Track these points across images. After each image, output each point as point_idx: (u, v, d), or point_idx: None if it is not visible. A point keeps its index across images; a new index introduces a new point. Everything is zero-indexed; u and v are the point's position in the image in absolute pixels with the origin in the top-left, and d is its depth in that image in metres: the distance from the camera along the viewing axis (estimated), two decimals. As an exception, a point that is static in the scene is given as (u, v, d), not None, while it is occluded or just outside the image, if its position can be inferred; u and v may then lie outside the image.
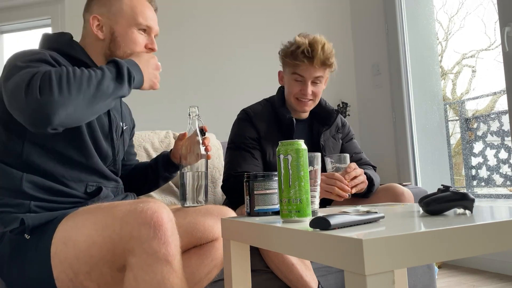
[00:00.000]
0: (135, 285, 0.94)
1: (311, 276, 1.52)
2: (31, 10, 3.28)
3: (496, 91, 4.62)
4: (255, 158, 1.67)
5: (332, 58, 1.64)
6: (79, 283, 1.03)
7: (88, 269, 1.01)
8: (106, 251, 0.98)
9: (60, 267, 1.02)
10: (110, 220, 0.98)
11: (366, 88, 3.38)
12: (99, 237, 0.98)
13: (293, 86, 1.68)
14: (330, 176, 1.47)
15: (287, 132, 1.70)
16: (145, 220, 0.95)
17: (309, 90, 1.65)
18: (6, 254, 1.09)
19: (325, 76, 1.69)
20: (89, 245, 0.99)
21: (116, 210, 1.00)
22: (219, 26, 3.27)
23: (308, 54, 1.59)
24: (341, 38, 3.45)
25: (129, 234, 0.95)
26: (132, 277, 0.94)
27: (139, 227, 0.94)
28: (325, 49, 1.61)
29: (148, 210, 0.96)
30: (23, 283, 1.07)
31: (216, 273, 1.30)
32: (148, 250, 0.94)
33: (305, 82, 1.65)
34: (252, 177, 1.05)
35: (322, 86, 1.70)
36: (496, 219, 0.81)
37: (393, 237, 0.68)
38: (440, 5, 6.92)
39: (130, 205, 0.99)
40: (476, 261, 2.64)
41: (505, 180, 3.33)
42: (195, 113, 1.32)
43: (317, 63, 1.60)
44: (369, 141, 3.33)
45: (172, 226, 0.98)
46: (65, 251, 1.01)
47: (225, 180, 1.69)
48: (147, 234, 0.94)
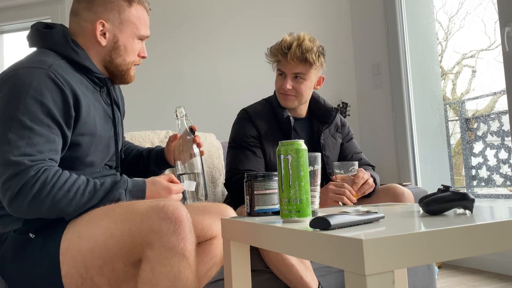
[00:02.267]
0: (151, 277, 0.97)
1: (311, 277, 1.52)
2: (31, 10, 3.28)
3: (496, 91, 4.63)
4: (257, 156, 1.69)
5: (312, 55, 1.64)
6: (89, 278, 1.04)
7: (101, 264, 1.03)
8: (123, 244, 1.01)
9: (71, 262, 1.03)
10: (130, 214, 1.01)
11: (366, 88, 3.38)
12: (117, 230, 1.01)
13: (277, 81, 1.75)
14: (340, 186, 1.50)
15: (286, 130, 1.72)
16: (167, 215, 0.99)
17: (287, 84, 1.68)
18: (8, 254, 1.09)
19: (308, 74, 1.68)
20: (106, 238, 1.01)
21: (137, 205, 1.03)
22: (218, 27, 3.27)
23: (284, 50, 1.65)
24: (341, 38, 3.45)
25: (149, 227, 0.98)
26: (149, 269, 0.97)
27: (160, 222, 0.98)
28: (302, 45, 1.63)
29: (169, 207, 1.00)
30: (26, 282, 1.08)
31: (216, 271, 1.31)
32: (167, 244, 0.97)
33: (286, 77, 1.70)
34: (252, 177, 1.06)
35: (307, 84, 1.70)
36: (496, 219, 0.81)
37: (393, 237, 0.68)
38: (440, 5, 6.93)
39: (151, 202, 1.03)
40: (476, 261, 2.64)
41: (505, 180, 3.33)
42: (182, 113, 1.33)
43: (292, 58, 1.63)
44: (369, 141, 3.33)
45: (190, 224, 1.02)
46: (79, 245, 1.03)
47: (228, 179, 1.71)
48: (167, 229, 0.98)
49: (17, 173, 1.00)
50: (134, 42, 1.26)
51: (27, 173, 1.00)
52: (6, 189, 1.00)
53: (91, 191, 1.06)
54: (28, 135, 1.02)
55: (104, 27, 1.21)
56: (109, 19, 1.22)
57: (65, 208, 1.04)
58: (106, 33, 1.22)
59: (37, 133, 1.03)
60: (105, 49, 1.23)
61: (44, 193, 1.01)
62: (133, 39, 1.25)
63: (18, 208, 1.01)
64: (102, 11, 1.21)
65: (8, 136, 1.01)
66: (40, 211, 1.02)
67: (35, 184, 1.00)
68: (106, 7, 1.22)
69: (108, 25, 1.21)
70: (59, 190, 1.02)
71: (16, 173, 1.00)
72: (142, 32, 1.27)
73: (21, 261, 1.07)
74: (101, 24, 1.21)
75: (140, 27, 1.26)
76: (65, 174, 1.05)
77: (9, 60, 3.52)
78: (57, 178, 1.03)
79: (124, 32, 1.24)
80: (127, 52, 1.25)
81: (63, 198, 1.03)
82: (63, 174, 1.05)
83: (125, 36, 1.24)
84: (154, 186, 1.16)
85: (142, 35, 1.27)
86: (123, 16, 1.23)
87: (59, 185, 1.02)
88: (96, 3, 1.22)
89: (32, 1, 3.26)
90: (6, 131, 1.02)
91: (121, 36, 1.23)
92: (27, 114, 1.03)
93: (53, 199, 1.02)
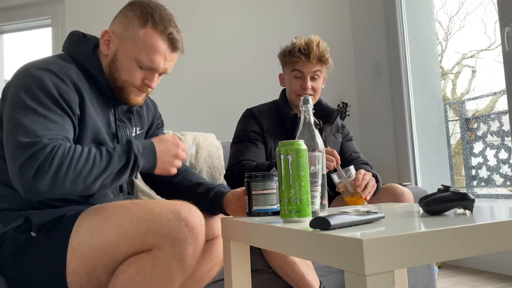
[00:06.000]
0: (149, 274, 0.99)
1: (313, 276, 1.52)
2: (31, 10, 3.28)
3: (496, 91, 4.63)
4: (258, 148, 1.74)
5: (327, 55, 1.77)
6: (95, 276, 1.05)
7: (108, 262, 1.03)
8: (134, 243, 1.01)
9: (81, 259, 1.03)
10: (148, 214, 1.02)
11: (366, 88, 3.38)
12: (132, 229, 1.01)
13: (293, 83, 1.78)
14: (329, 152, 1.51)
15: (291, 128, 1.77)
16: (187, 225, 1.01)
17: (308, 84, 1.75)
18: (9, 253, 1.09)
19: (322, 72, 1.78)
20: (120, 236, 1.02)
21: (155, 205, 1.04)
22: (218, 26, 3.27)
23: (304, 51, 1.73)
24: (341, 38, 3.45)
25: (167, 233, 0.99)
26: (150, 267, 1.00)
27: (178, 231, 0.99)
28: (320, 46, 1.75)
29: (191, 218, 1.02)
30: (27, 281, 1.08)
31: (218, 270, 1.31)
32: (178, 255, 1.00)
33: (305, 77, 1.76)
34: (251, 177, 1.06)
35: (320, 82, 1.80)
36: (496, 219, 0.81)
37: (393, 237, 0.68)
38: (440, 5, 6.93)
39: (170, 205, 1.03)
40: (476, 261, 2.64)
41: (505, 180, 3.33)
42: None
43: (314, 58, 1.73)
44: (369, 141, 3.33)
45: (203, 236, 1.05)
46: (91, 242, 1.03)
47: (228, 169, 1.75)
48: (185, 240, 1.00)
49: (33, 153, 0.98)
50: (131, 65, 1.19)
51: (43, 151, 0.99)
52: (24, 172, 0.98)
53: (107, 155, 1.06)
54: (43, 121, 1.03)
55: (110, 38, 1.21)
56: (116, 31, 1.21)
57: (88, 176, 1.02)
58: (110, 43, 1.21)
59: (51, 120, 1.05)
60: (107, 59, 1.22)
61: (64, 167, 0.99)
62: (131, 61, 1.19)
63: (40, 188, 0.98)
64: (115, 23, 1.23)
65: (24, 121, 1.02)
66: (63, 185, 1.00)
67: (53, 159, 0.99)
68: (120, 19, 1.22)
69: (113, 36, 1.21)
70: (78, 160, 1.02)
71: (32, 153, 0.98)
72: (142, 59, 1.18)
73: (22, 260, 1.07)
74: (107, 34, 1.21)
75: (141, 53, 1.17)
76: (79, 146, 1.05)
77: (9, 60, 3.52)
78: (74, 150, 1.03)
79: (125, 49, 1.19)
80: (123, 70, 1.20)
81: (84, 167, 1.02)
82: (77, 146, 1.05)
83: (124, 54, 1.19)
84: (162, 143, 1.15)
85: (141, 62, 1.18)
86: (128, 33, 1.19)
87: (77, 156, 1.02)
88: (118, 14, 1.24)
89: (32, 1, 3.26)
90: (21, 118, 1.02)
91: (120, 51, 1.20)
92: (41, 104, 1.05)
93: (74, 170, 1.00)
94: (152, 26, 1.18)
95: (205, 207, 1.25)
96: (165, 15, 1.23)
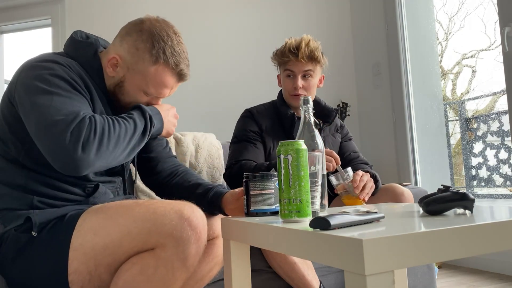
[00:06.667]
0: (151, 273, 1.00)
1: (313, 275, 1.52)
2: (31, 10, 3.28)
3: (496, 91, 4.63)
4: (257, 148, 1.75)
5: (317, 53, 1.76)
6: (97, 276, 1.05)
7: (111, 261, 1.04)
8: (137, 243, 1.02)
9: (83, 258, 1.03)
10: (151, 214, 1.02)
11: (366, 88, 3.38)
12: (135, 228, 1.02)
13: (286, 82, 1.81)
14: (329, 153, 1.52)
15: (289, 128, 1.77)
16: (190, 225, 1.01)
17: (299, 83, 1.76)
18: (9, 253, 1.09)
19: (315, 71, 1.78)
20: (123, 235, 1.02)
21: (158, 205, 1.04)
22: (218, 27, 3.27)
23: (294, 50, 1.75)
24: (341, 38, 3.45)
25: (170, 232, 0.99)
26: (152, 266, 1.00)
27: (181, 230, 1.00)
28: (309, 44, 1.75)
29: (194, 218, 1.02)
30: (28, 281, 1.08)
31: (218, 270, 1.31)
32: (181, 254, 1.00)
33: (296, 77, 1.77)
34: (250, 178, 1.06)
35: (314, 81, 1.79)
36: (496, 219, 0.81)
37: (393, 237, 0.68)
38: (440, 5, 6.93)
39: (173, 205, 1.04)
40: (476, 261, 2.64)
41: (505, 180, 3.33)
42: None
43: (303, 57, 1.74)
44: (369, 141, 3.33)
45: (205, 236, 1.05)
46: (93, 241, 1.03)
47: (227, 169, 1.75)
48: (188, 240, 1.00)
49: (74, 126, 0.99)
50: (138, 94, 1.21)
51: (84, 122, 1.00)
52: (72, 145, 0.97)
53: (130, 119, 1.10)
54: (70, 101, 1.05)
55: (118, 63, 1.19)
56: (125, 59, 1.19)
57: (124, 138, 1.06)
58: (118, 67, 1.20)
59: (76, 100, 1.07)
60: (112, 80, 1.21)
61: (106, 132, 1.02)
62: (139, 91, 1.21)
63: (90, 158, 0.99)
64: (124, 47, 1.20)
65: (52, 104, 1.02)
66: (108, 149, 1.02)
67: (96, 127, 1.01)
68: (130, 48, 1.19)
69: (121, 62, 1.19)
70: (113, 125, 1.05)
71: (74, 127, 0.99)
72: (150, 91, 1.21)
73: (23, 260, 1.07)
74: (115, 59, 1.19)
75: (150, 86, 1.20)
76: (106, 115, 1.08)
77: (9, 60, 3.52)
78: (106, 118, 1.06)
79: (133, 79, 1.20)
80: (129, 95, 1.22)
81: (120, 130, 1.06)
82: (106, 115, 1.08)
83: (132, 83, 1.20)
84: (160, 107, 1.22)
85: (149, 94, 1.22)
86: (139, 67, 1.18)
87: (111, 122, 1.05)
88: (128, 38, 1.20)
89: (32, 1, 3.26)
90: (47, 102, 1.03)
91: (128, 79, 1.20)
92: (61, 89, 1.07)
93: (114, 134, 1.04)
94: (163, 63, 1.19)
95: (204, 207, 1.23)
96: (177, 46, 1.21)
